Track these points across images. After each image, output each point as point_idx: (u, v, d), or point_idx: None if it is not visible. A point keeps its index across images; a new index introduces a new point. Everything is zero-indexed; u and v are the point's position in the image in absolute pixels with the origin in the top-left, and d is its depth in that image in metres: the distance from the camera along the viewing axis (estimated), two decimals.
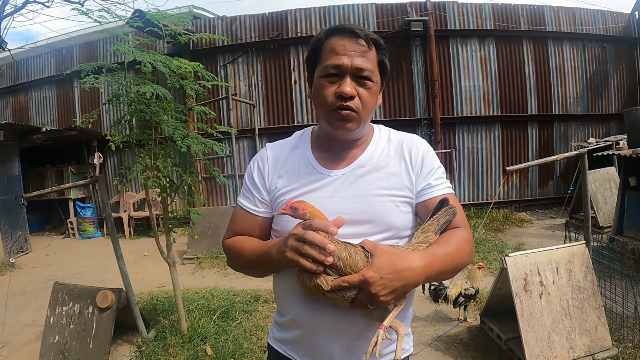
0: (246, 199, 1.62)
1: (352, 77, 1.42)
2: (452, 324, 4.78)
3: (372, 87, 1.45)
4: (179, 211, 4.50)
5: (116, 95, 3.96)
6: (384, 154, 1.56)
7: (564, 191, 11.15)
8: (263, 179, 1.59)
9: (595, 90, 11.89)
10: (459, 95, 11.37)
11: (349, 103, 1.41)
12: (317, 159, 1.57)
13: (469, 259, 1.44)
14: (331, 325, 1.40)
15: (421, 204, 1.51)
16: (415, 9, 11.24)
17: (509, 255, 3.74)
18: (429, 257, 1.28)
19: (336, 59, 1.42)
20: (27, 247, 9.92)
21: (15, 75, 13.52)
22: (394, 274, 1.20)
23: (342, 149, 1.56)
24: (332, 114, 1.45)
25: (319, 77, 1.47)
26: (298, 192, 1.49)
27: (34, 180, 12.08)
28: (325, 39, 1.48)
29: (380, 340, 1.21)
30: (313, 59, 1.52)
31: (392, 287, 1.19)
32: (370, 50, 1.45)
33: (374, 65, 1.47)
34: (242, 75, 11.59)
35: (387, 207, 1.45)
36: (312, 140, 1.64)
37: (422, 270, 1.25)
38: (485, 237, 8.34)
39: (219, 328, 4.71)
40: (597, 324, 3.72)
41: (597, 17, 11.80)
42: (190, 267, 7.77)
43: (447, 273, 1.38)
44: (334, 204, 1.45)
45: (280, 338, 1.58)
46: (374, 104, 1.50)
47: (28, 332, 5.24)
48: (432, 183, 1.52)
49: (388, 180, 1.49)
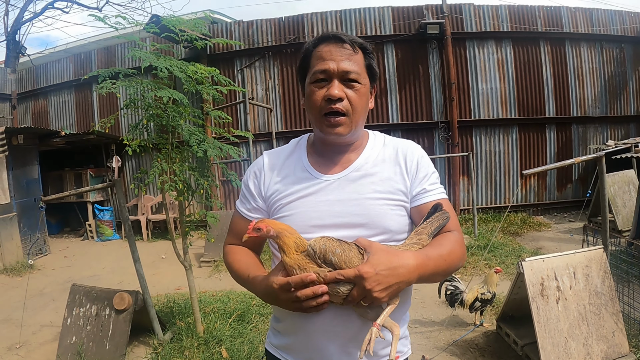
0: (243, 204, 1.67)
1: (340, 80, 1.46)
2: (468, 328, 4.75)
3: (360, 89, 1.48)
4: (195, 214, 4.53)
5: (133, 100, 4.00)
6: (379, 159, 1.59)
7: (582, 194, 10.99)
8: (259, 186, 1.63)
9: (614, 91, 11.72)
10: (476, 98, 11.29)
11: (337, 105, 1.45)
12: (313, 164, 1.59)
13: (461, 263, 1.47)
14: (327, 327, 1.42)
15: (415, 209, 1.53)
16: (431, 11, 11.19)
17: (525, 259, 3.71)
18: (422, 257, 1.31)
19: (323, 64, 1.46)
20: (46, 249, 10.04)
21: (35, 80, 13.70)
22: (389, 271, 1.22)
23: (337, 154, 1.59)
24: (322, 120, 1.49)
25: (309, 83, 1.51)
26: (294, 196, 1.52)
27: (53, 183, 12.24)
28: (313, 48, 1.53)
29: (374, 338, 1.22)
30: (303, 68, 1.57)
31: (387, 284, 1.21)
32: (356, 54, 1.49)
33: (361, 68, 1.50)
34: (259, 80, 11.62)
35: (382, 210, 1.48)
36: (308, 147, 1.67)
37: (416, 269, 1.27)
38: (503, 241, 8.27)
39: (235, 331, 4.73)
40: (615, 330, 3.68)
41: (615, 17, 11.65)
42: (207, 270, 7.81)
43: (440, 275, 1.41)
44: (330, 207, 1.48)
45: (277, 344, 1.60)
46: (363, 106, 1.52)
47: (46, 332, 5.31)
48: (426, 188, 1.54)
49: (383, 184, 1.52)
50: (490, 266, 6.67)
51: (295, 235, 1.32)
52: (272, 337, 1.64)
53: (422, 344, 4.49)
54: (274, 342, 1.62)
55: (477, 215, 8.92)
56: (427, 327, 4.87)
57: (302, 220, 1.46)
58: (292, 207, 1.51)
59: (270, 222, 1.35)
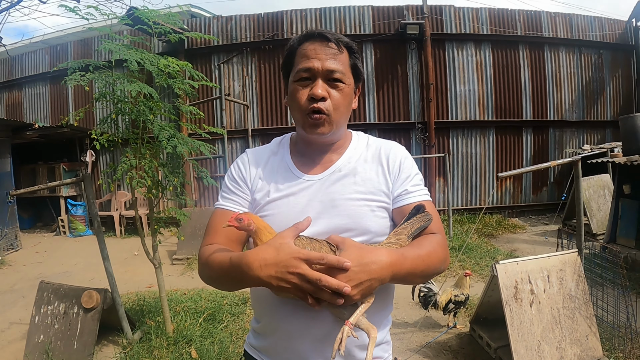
0: (228, 200, 1.58)
1: (324, 79, 1.44)
2: (442, 330, 4.75)
3: (344, 88, 1.47)
4: (166, 211, 4.45)
5: (103, 93, 3.91)
6: (361, 159, 1.57)
7: (558, 197, 11.11)
8: (245, 179, 1.59)
9: (591, 97, 11.90)
10: (454, 99, 11.37)
11: (320, 104, 1.42)
12: (296, 163, 1.58)
13: (443, 265, 1.43)
14: (302, 328, 1.39)
15: (397, 210, 1.50)
16: (411, 12, 11.23)
17: (499, 262, 3.71)
18: (397, 256, 1.27)
19: (307, 63, 1.44)
20: (17, 244, 9.86)
21: (10, 71, 13.45)
22: (360, 267, 1.18)
23: (320, 154, 1.58)
24: (305, 118, 1.46)
25: (292, 82, 1.49)
26: (275, 195, 1.50)
27: (25, 177, 12.01)
28: (297, 45, 1.51)
29: (345, 337, 1.19)
30: (287, 65, 1.55)
31: (358, 280, 1.17)
32: (341, 53, 1.47)
33: (346, 68, 1.48)
34: (236, 76, 11.55)
35: (363, 211, 1.45)
36: (291, 146, 1.65)
37: (389, 266, 1.23)
38: (478, 242, 8.31)
39: (205, 330, 4.67)
40: (588, 333, 3.69)
41: (594, 23, 11.83)
42: (179, 267, 7.71)
43: (417, 276, 1.36)
44: (311, 208, 1.45)
45: (256, 345, 1.56)
46: (346, 106, 1.51)
47: (14, 330, 5.20)
48: (409, 189, 1.52)
49: (364, 184, 1.50)
50: (464, 268, 6.69)
51: (274, 234, 1.29)
52: (251, 338, 1.61)
53: (395, 345, 4.46)
54: (253, 343, 1.59)
55: (452, 217, 8.97)
56: (400, 329, 4.85)
57: (282, 220, 1.42)
58: (274, 206, 1.49)
59: (253, 216, 1.32)
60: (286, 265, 1.15)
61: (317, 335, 1.38)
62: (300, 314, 1.36)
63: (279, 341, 1.45)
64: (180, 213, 4.30)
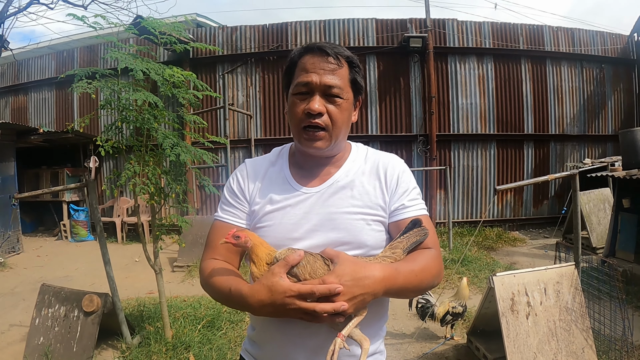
0: (227, 213, 1.60)
1: (322, 94, 1.44)
2: (439, 342, 4.75)
3: (342, 104, 1.47)
4: (167, 218, 4.49)
5: (108, 101, 3.97)
6: (359, 172, 1.57)
7: (558, 211, 11.12)
8: (243, 191, 1.60)
9: (592, 111, 11.93)
10: (455, 112, 11.41)
11: (317, 120, 1.43)
12: (294, 175, 1.58)
13: (436, 280, 1.44)
14: (296, 338, 1.40)
15: (394, 224, 1.51)
16: (415, 25, 11.30)
17: (496, 274, 3.72)
18: (390, 271, 1.29)
19: (306, 77, 1.44)
20: (19, 248, 9.89)
21: (16, 75, 13.52)
22: (354, 281, 1.20)
23: (318, 166, 1.58)
24: (301, 133, 1.47)
25: (291, 94, 1.50)
26: (273, 207, 1.50)
27: (29, 181, 12.07)
28: (298, 58, 1.51)
29: (337, 348, 1.21)
30: (288, 77, 1.56)
31: (351, 294, 1.19)
32: (340, 67, 1.46)
33: (345, 83, 1.48)
34: (240, 86, 11.61)
35: (359, 225, 1.45)
36: (290, 157, 1.65)
37: (382, 281, 1.25)
38: (477, 255, 8.30)
39: (204, 337, 4.69)
40: (584, 346, 3.69)
41: (596, 38, 11.88)
42: (180, 275, 7.74)
43: (410, 291, 1.38)
44: (307, 221, 1.46)
45: (252, 352, 1.58)
46: (344, 121, 1.50)
47: (14, 332, 5.23)
48: (405, 204, 1.51)
49: (361, 198, 1.50)
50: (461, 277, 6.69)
51: (269, 249, 1.33)
52: (247, 344, 1.62)
53: (392, 356, 4.48)
54: (249, 349, 1.60)
55: (452, 229, 8.97)
56: (397, 339, 4.86)
57: (279, 232, 1.45)
58: (271, 217, 1.49)
59: (250, 233, 1.35)
60: (282, 304, 1.20)
61: (311, 346, 1.39)
62: (294, 325, 1.35)
63: (273, 350, 1.47)
64: (182, 220, 4.33)
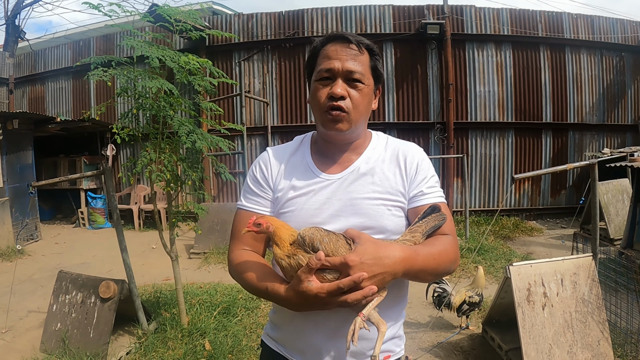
0: (251, 201, 1.64)
1: (344, 79, 1.49)
2: (454, 331, 4.75)
3: (363, 89, 1.51)
4: (184, 206, 4.51)
5: (125, 89, 3.98)
6: (380, 160, 1.61)
7: (576, 201, 10.92)
8: (266, 177, 1.63)
9: (612, 100, 11.72)
10: (473, 100, 11.28)
11: (339, 103, 1.47)
12: (315, 162, 1.62)
13: (453, 266, 1.49)
14: (316, 318, 1.45)
15: (412, 210, 1.54)
16: (432, 11, 11.17)
17: (513, 264, 3.70)
18: (410, 252, 1.33)
19: (328, 63, 1.49)
20: (37, 235, 10.03)
21: (33, 65, 13.63)
22: (374, 260, 1.24)
23: (339, 153, 1.62)
24: (324, 115, 1.51)
25: (314, 81, 1.55)
26: (296, 193, 1.56)
27: (47, 170, 12.20)
28: (321, 47, 1.56)
29: (358, 328, 1.23)
30: (310, 66, 1.61)
31: (372, 272, 1.22)
32: (362, 54, 1.52)
33: (366, 69, 1.52)
34: (256, 73, 11.59)
35: (380, 210, 1.50)
36: (312, 145, 1.70)
37: (402, 261, 1.29)
38: (494, 244, 8.26)
39: (219, 324, 4.73)
40: (600, 338, 3.66)
41: (616, 25, 11.63)
42: (196, 261, 7.81)
43: (428, 274, 1.43)
44: (330, 206, 1.51)
45: (273, 335, 1.64)
46: (365, 106, 1.55)
47: (32, 318, 5.31)
48: (424, 191, 1.55)
49: (382, 184, 1.54)
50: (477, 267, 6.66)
51: (291, 230, 1.36)
52: (268, 329, 1.68)
53: (407, 344, 4.44)
54: (270, 333, 1.66)
55: (469, 218, 8.91)
56: (412, 328, 4.86)
57: (301, 217, 1.49)
58: (293, 203, 1.54)
59: (270, 218, 1.38)
60: (316, 305, 1.27)
61: (331, 327, 1.44)
62: None
63: (293, 332, 1.53)
64: (198, 207, 4.35)
